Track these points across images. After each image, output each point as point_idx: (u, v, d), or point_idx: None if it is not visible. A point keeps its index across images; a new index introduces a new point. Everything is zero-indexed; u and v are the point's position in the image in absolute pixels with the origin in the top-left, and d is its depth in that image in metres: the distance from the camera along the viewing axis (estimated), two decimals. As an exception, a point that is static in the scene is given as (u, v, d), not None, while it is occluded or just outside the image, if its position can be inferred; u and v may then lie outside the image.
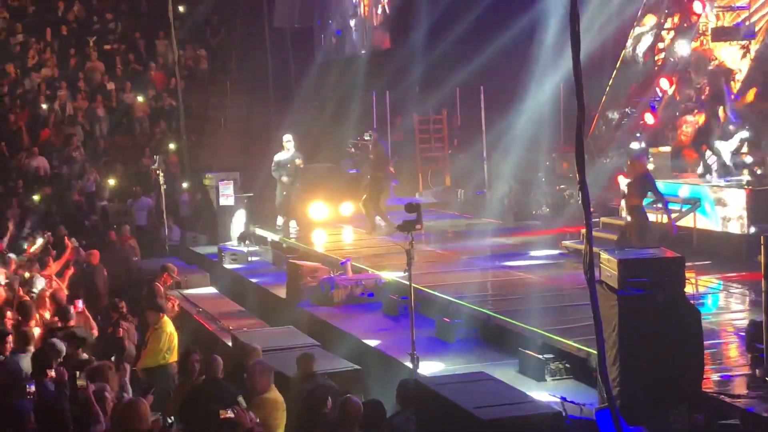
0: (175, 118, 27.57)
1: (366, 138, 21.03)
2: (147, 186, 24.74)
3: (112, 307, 13.78)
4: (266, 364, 9.73)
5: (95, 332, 13.36)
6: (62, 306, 13.18)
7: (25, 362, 10.14)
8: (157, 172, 22.49)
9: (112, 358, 11.41)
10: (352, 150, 22.30)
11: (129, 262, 19.20)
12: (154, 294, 14.27)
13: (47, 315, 13.30)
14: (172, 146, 26.89)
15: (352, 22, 29.16)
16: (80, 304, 13.70)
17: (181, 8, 29.26)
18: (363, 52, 28.13)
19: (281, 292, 16.01)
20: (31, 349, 10.61)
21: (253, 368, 9.56)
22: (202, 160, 25.98)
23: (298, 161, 19.99)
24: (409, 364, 11.00)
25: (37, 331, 11.86)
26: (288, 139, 20.05)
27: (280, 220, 20.27)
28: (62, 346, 10.05)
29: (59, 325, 12.31)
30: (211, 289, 18.56)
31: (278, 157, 20.05)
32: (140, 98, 28.82)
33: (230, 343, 13.32)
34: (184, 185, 24.62)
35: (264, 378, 9.40)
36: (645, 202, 14.07)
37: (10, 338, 10.66)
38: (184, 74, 28.69)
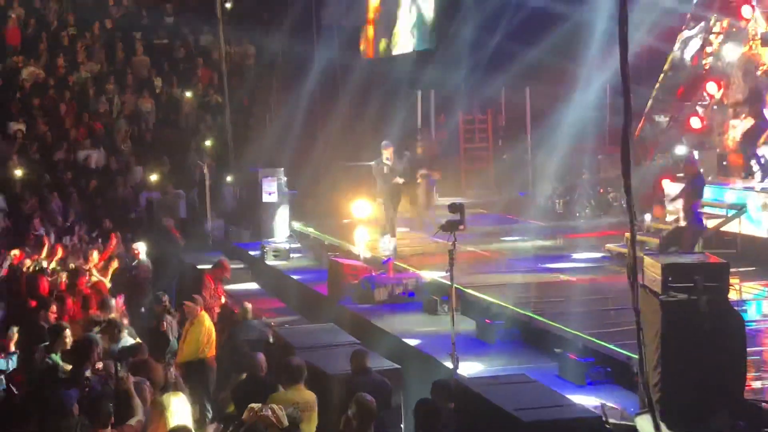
0: (221, 113, 27.73)
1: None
2: (192, 180, 24.90)
3: (156, 301, 13.90)
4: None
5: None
6: (104, 298, 13.30)
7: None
8: (203, 166, 22.63)
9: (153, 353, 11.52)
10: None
11: (175, 255, 19.34)
12: (200, 287, 14.34)
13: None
14: (216, 141, 27.04)
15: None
16: (121, 300, 13.84)
17: (228, 4, 29.37)
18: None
19: (322, 290, 16.06)
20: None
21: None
22: (246, 156, 26.10)
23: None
24: (449, 364, 11.01)
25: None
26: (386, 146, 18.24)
27: (388, 241, 17.97)
28: (98, 339, 10.14)
29: (100, 317, 12.43)
30: (253, 285, 18.64)
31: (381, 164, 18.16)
32: (187, 93, 29.01)
33: (271, 340, 13.37)
34: (228, 179, 24.75)
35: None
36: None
37: (68, 332, 10.74)
38: (231, 70, 28.82)
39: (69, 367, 9.68)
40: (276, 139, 25.32)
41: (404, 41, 28.05)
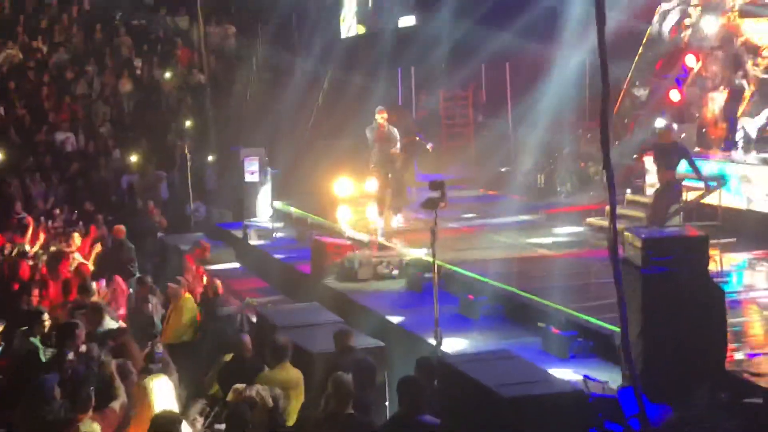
0: (202, 94, 27.63)
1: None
2: (172, 161, 24.82)
3: (139, 283, 13.89)
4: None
5: (122, 310, 13.44)
6: (85, 282, 13.27)
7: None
8: (184, 147, 22.57)
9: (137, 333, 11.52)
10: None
11: (156, 236, 19.32)
12: (182, 269, 14.35)
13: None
14: (197, 122, 26.96)
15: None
16: (103, 284, 13.81)
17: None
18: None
19: (306, 269, 16.07)
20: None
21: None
22: (227, 136, 26.04)
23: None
24: (432, 341, 11.04)
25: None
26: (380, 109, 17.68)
27: (379, 220, 17.33)
28: (81, 323, 10.12)
29: (83, 301, 12.40)
30: (236, 265, 18.64)
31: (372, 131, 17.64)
32: (167, 74, 28.89)
33: (254, 319, 13.39)
34: (210, 159, 24.68)
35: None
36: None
37: (46, 316, 10.72)
38: (211, 51, 28.71)
39: (51, 350, 9.67)
40: (257, 119, 25.26)
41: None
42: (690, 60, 19.10)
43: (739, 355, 9.53)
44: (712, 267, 9.92)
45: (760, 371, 9.09)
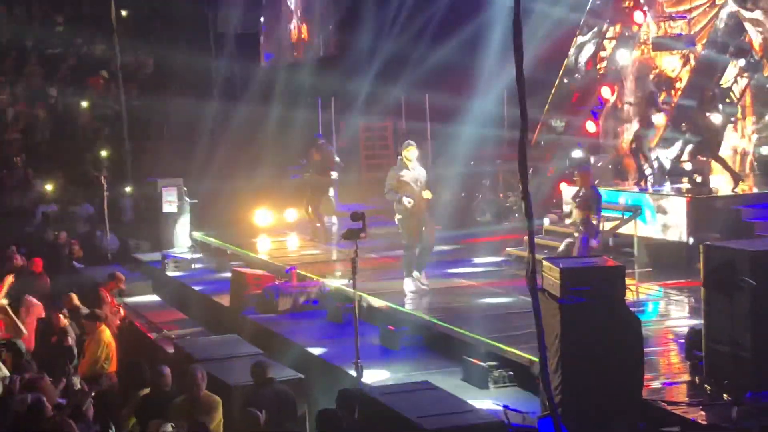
0: (118, 123, 27.34)
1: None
2: (89, 192, 24.47)
3: (56, 315, 13.61)
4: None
5: (30, 343, 13.14)
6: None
7: None
8: (100, 178, 22.27)
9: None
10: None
11: (72, 268, 19.00)
12: (97, 302, 14.13)
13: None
14: (114, 152, 26.65)
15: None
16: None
17: (123, 12, 29.00)
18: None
19: (225, 300, 15.93)
20: None
21: (195, 372, 9.58)
22: (145, 166, 25.78)
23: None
24: (353, 373, 11.00)
25: None
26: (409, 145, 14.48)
27: (410, 284, 14.43)
28: None
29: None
30: (154, 297, 18.40)
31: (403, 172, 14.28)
32: (83, 103, 28.53)
33: (172, 352, 13.22)
34: (127, 190, 24.40)
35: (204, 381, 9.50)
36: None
37: None
38: (128, 79, 28.44)
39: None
40: (175, 149, 25.06)
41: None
42: (605, 92, 19.41)
43: (656, 384, 9.64)
44: (629, 297, 10.05)
45: (677, 400, 9.21)
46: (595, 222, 13.77)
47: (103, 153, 26.12)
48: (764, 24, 16.68)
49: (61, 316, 13.45)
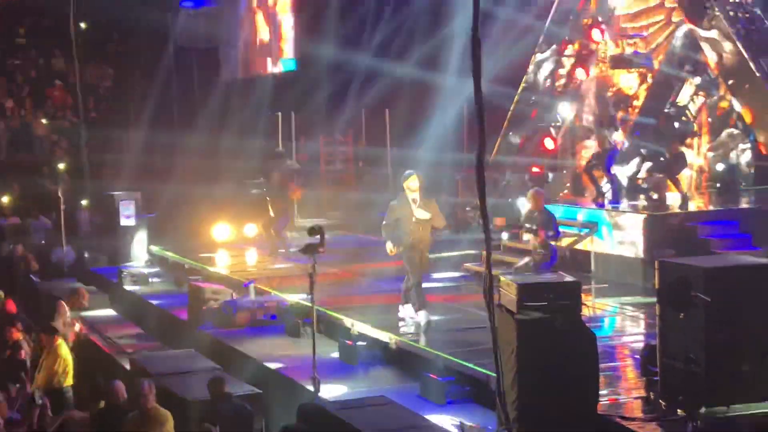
0: (76, 136, 27.15)
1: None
2: (45, 205, 24.27)
3: (9, 329, 13.49)
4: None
5: None
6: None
7: None
8: (57, 191, 22.10)
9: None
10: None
11: (28, 282, 18.82)
12: (55, 315, 13.99)
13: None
14: (71, 165, 26.46)
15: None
16: None
17: (83, 25, 28.83)
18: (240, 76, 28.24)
19: (182, 315, 15.84)
20: None
21: (142, 385, 9.55)
22: (103, 179, 25.62)
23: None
24: (311, 388, 10.98)
25: None
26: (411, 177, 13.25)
27: (408, 311, 13.47)
28: None
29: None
30: (110, 311, 18.26)
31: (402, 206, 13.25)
32: (42, 116, 28.35)
33: (128, 367, 13.13)
34: (84, 203, 24.22)
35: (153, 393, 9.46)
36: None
37: None
38: (87, 91, 28.27)
39: None
40: (133, 162, 24.94)
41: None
42: (564, 109, 19.58)
43: (611, 400, 9.70)
44: (585, 312, 10.11)
45: (632, 415, 9.26)
46: (554, 243, 13.83)
47: (61, 166, 25.89)
48: (720, 43, 16.90)
49: (15, 330, 13.32)
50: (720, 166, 19.05)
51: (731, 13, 16.79)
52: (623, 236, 15.89)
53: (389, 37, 22.94)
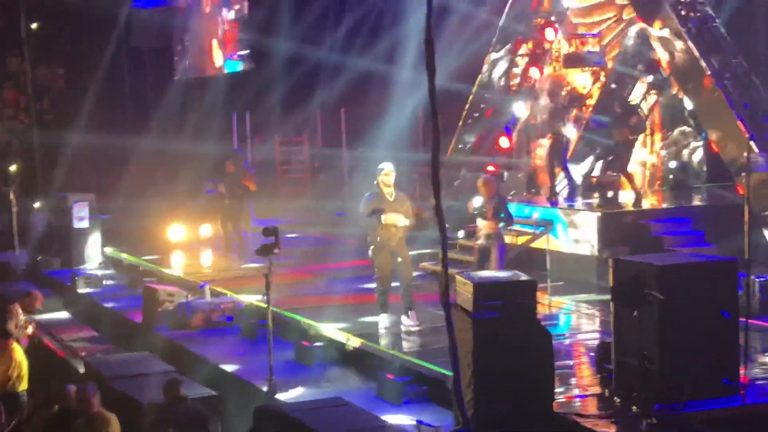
0: (28, 137, 26.87)
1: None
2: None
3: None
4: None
5: None
6: None
7: None
8: (9, 192, 21.86)
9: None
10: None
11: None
12: (7, 318, 13.80)
13: None
14: (23, 166, 26.18)
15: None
16: None
17: (33, 25, 28.53)
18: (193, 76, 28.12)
19: (137, 317, 15.72)
20: None
21: (85, 389, 9.53)
22: (56, 181, 25.37)
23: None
24: (266, 389, 10.94)
25: None
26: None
27: (386, 320, 13.02)
28: None
29: None
30: (65, 314, 18.09)
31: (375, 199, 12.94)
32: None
33: (82, 370, 13.01)
34: (37, 205, 23.97)
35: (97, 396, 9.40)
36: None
37: None
38: (39, 92, 27.99)
39: None
40: (87, 164, 24.72)
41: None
42: (518, 108, 19.66)
43: (567, 397, 9.75)
44: (541, 311, 10.16)
45: (588, 413, 9.31)
46: (510, 227, 13.82)
47: (12, 167, 25.61)
48: (671, 42, 17.05)
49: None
50: (672, 164, 19.25)
51: (682, 12, 16.93)
52: (578, 234, 15.98)
53: (344, 36, 22.93)
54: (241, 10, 28.29)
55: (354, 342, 12.46)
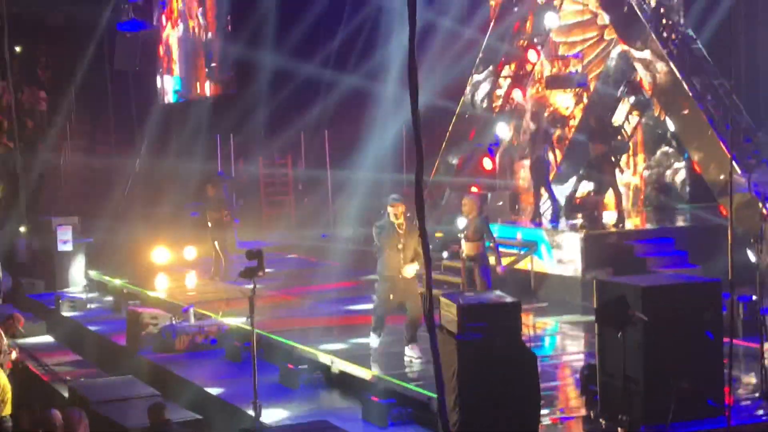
0: (12, 160, 26.80)
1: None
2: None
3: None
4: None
5: None
6: None
7: None
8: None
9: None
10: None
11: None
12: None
13: None
14: (7, 189, 26.11)
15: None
16: None
17: (17, 48, 28.52)
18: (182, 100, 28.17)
19: (121, 340, 15.67)
20: None
21: (71, 415, 9.41)
22: (40, 204, 25.30)
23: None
24: (251, 413, 10.89)
25: None
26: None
27: (375, 341, 12.78)
28: None
29: None
30: (48, 338, 18.00)
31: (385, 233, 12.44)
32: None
33: (66, 395, 12.94)
34: (21, 229, 23.90)
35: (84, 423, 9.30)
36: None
37: None
38: (22, 115, 27.95)
39: None
40: (70, 187, 24.67)
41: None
42: (501, 129, 19.73)
43: (552, 419, 9.76)
44: (525, 332, 10.16)
45: (572, 433, 9.35)
46: (494, 245, 13.85)
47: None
48: (653, 63, 17.16)
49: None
50: (655, 185, 19.33)
51: (664, 34, 17.04)
52: (562, 255, 16.02)
53: (327, 57, 22.99)
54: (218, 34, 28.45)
55: (339, 364, 12.45)
